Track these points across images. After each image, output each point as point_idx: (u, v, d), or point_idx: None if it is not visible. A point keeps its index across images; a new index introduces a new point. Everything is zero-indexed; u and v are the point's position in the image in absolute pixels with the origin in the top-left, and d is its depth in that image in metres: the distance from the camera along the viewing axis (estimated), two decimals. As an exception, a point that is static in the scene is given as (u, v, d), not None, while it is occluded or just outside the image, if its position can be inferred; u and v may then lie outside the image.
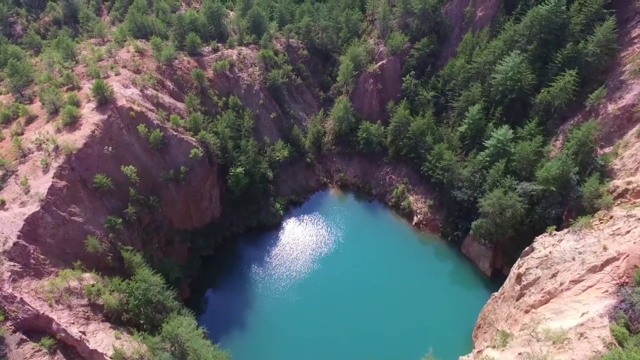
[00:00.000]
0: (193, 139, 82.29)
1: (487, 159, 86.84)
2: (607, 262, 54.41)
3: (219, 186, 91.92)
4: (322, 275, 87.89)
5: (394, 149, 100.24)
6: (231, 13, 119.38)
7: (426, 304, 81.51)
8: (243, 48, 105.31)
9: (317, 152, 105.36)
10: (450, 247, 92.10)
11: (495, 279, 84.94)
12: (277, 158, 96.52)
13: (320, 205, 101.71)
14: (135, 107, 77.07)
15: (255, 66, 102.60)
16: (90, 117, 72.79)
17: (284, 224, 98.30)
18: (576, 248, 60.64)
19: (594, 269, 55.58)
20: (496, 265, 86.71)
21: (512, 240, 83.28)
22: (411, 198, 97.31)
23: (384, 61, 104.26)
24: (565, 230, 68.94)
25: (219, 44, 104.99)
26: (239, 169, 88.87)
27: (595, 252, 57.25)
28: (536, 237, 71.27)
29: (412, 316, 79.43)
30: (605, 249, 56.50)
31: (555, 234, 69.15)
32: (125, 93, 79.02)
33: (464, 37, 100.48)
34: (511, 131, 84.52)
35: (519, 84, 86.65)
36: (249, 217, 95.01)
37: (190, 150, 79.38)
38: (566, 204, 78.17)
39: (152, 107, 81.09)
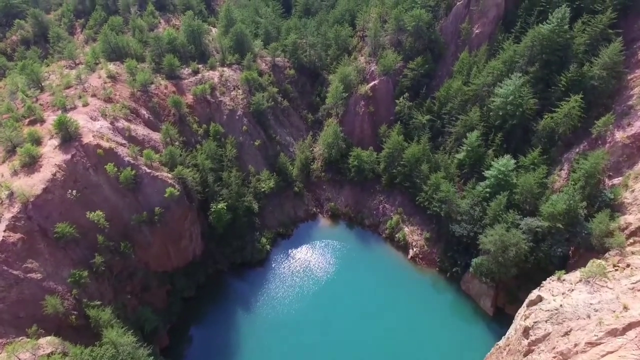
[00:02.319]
0: (169, 175, 75.43)
1: (488, 190, 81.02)
2: (630, 325, 48.51)
3: (200, 222, 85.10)
4: (312, 312, 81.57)
5: (387, 176, 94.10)
6: (213, 30, 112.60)
7: (423, 345, 75.73)
8: (225, 69, 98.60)
9: (306, 180, 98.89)
10: (448, 284, 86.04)
11: (498, 319, 79.22)
12: (263, 189, 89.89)
13: (309, 237, 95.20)
14: (104, 144, 70.09)
15: (239, 89, 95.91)
16: (52, 157, 65.73)
17: (271, 259, 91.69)
18: (591, 304, 54.72)
19: (614, 332, 49.62)
20: (498, 303, 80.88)
21: (516, 278, 77.60)
22: (406, 230, 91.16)
23: (375, 82, 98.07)
24: (576, 275, 63.22)
25: (200, 65, 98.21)
26: (221, 205, 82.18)
27: (614, 312, 51.32)
28: (543, 282, 65.64)
29: (408, 358, 73.57)
30: (626, 308, 50.65)
31: (564, 280, 63.47)
32: (93, 127, 72.03)
33: (460, 55, 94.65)
34: (513, 161, 78.66)
35: (520, 109, 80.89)
36: (234, 254, 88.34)
37: (166, 189, 72.49)
38: (573, 241, 72.57)
39: (123, 142, 74.15)
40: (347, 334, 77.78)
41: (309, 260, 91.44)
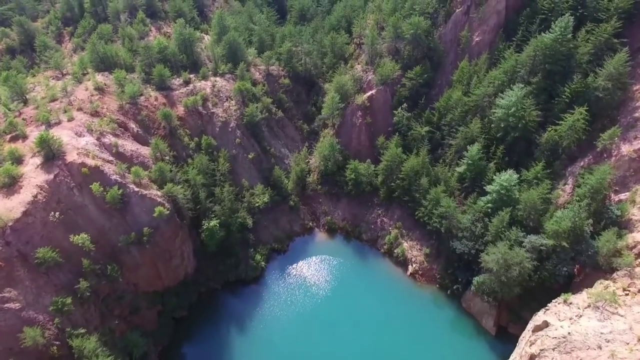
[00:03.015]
0: (158, 193, 72.29)
1: (489, 205, 78.27)
2: (644, 360, 46.06)
3: (192, 239, 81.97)
4: (309, 330, 78.58)
5: (385, 190, 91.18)
6: (206, 37, 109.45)
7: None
8: (218, 79, 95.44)
9: (302, 193, 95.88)
10: (449, 301, 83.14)
11: (501, 338, 76.53)
12: (257, 204, 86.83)
13: (305, 252, 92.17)
14: (89, 162, 66.86)
15: (231, 100, 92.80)
16: (34, 177, 62.51)
17: (266, 275, 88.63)
18: (602, 333, 52.05)
19: (627, 366, 47.13)
20: (501, 322, 78.06)
21: (519, 297, 74.83)
22: (405, 245, 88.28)
23: (373, 91, 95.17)
24: (583, 298, 60.63)
25: (191, 75, 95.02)
26: (213, 222, 79.12)
27: (627, 344, 48.72)
28: (549, 305, 62.94)
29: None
30: None
31: (571, 303, 60.79)
32: (78, 144, 68.81)
33: (459, 64, 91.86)
34: (516, 176, 75.91)
35: (522, 121, 78.14)
36: (227, 271, 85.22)
37: (155, 209, 69.32)
38: (579, 259, 69.90)
39: (110, 158, 70.95)
40: (345, 352, 74.94)
41: (305, 276, 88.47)
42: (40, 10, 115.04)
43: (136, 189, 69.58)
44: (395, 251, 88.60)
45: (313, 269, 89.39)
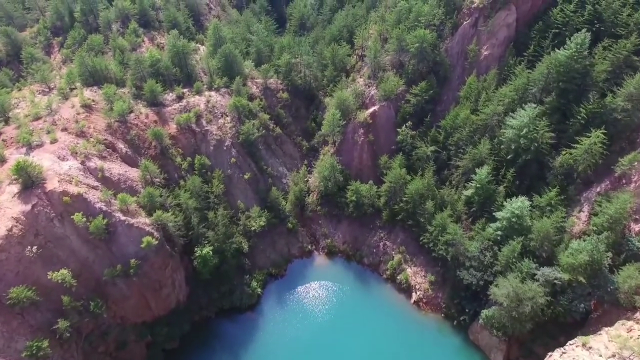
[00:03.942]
0: (147, 221, 67.69)
1: (499, 233, 73.65)
2: None
3: (184, 266, 77.49)
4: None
5: (388, 212, 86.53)
6: (201, 48, 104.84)
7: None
8: (213, 94, 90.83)
9: (300, 214, 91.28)
10: (455, 332, 78.46)
11: (511, 374, 72.13)
12: (253, 228, 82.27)
13: (304, 277, 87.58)
14: (72, 189, 62.30)
15: (227, 116, 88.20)
16: (9, 208, 57.96)
17: (263, 302, 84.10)
18: (628, 391, 47.52)
19: None
20: (511, 357, 73.32)
21: (531, 331, 70.27)
22: (409, 271, 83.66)
23: (375, 107, 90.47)
24: (603, 340, 56.06)
25: (185, 90, 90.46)
26: (206, 249, 74.67)
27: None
28: (565, 347, 58.35)
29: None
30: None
31: (591, 347, 56.15)
32: (60, 169, 64.25)
33: (467, 79, 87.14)
34: (528, 203, 71.22)
35: (535, 143, 73.39)
36: (221, 299, 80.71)
37: (143, 239, 64.75)
38: (596, 294, 65.23)
39: (95, 184, 66.39)
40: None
41: (303, 303, 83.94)
42: (30, 19, 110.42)
43: (123, 218, 65.00)
44: (399, 277, 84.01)
45: (312, 295, 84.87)
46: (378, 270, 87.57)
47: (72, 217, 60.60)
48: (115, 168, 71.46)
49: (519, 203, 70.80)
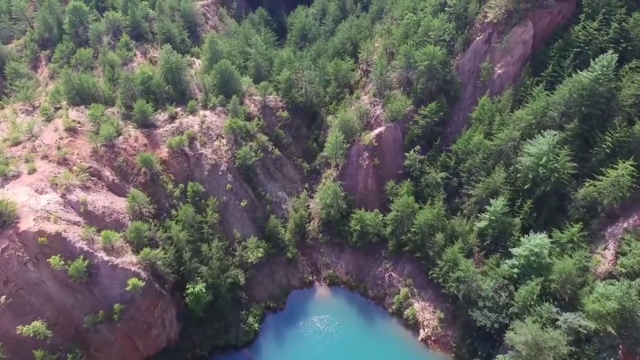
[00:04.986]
0: (133, 259, 62.23)
1: (515, 270, 67.90)
2: None
3: (175, 302, 71.89)
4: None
5: (394, 242, 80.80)
6: (197, 62, 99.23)
7: None
8: (208, 113, 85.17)
9: (301, 242, 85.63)
10: (467, 374, 73.04)
11: (528, 423, 66.20)
12: (250, 260, 76.66)
13: (304, 311, 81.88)
14: (49, 227, 56.84)
15: (222, 138, 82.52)
16: (-22, 253, 52.56)
17: (260, 338, 78.54)
18: None
19: None
20: (528, 404, 67.72)
21: (551, 379, 64.59)
22: (417, 305, 78.01)
23: (381, 129, 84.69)
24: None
25: (178, 109, 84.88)
26: (199, 286, 69.20)
27: None
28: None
29: None
30: None
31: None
32: (37, 204, 58.79)
33: (479, 99, 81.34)
34: (548, 240, 65.42)
35: (555, 174, 67.53)
36: (216, 336, 75.13)
37: (128, 281, 59.19)
38: (628, 345, 59.42)
39: (76, 219, 60.95)
40: None
41: (303, 339, 78.22)
42: (17, 30, 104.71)
43: (106, 258, 59.50)
44: (405, 312, 78.34)
45: (313, 331, 79.16)
46: (383, 304, 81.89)
47: (48, 260, 54.97)
48: (100, 200, 65.90)
49: (539, 240, 64.99)
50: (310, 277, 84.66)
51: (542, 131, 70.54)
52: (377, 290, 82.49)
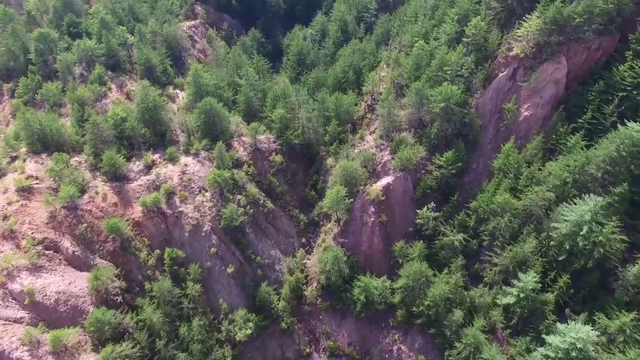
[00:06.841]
0: (91, 361, 51.59)
1: (551, 363, 57.07)
2: None
3: (148, 392, 61.49)
4: None
5: (404, 312, 70.09)
6: (180, 95, 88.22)
7: None
8: (190, 160, 74.32)
9: (297, 307, 74.90)
10: None
11: None
12: (238, 338, 65.94)
13: (301, 390, 71.65)
14: (-17, 334, 46.21)
15: (206, 192, 71.67)
16: None
17: None
18: None
19: None
20: None
21: None
22: (431, 389, 67.40)
23: (389, 179, 73.69)
24: None
25: (156, 155, 74.09)
26: (175, 380, 58.54)
27: None
28: None
29: None
30: None
31: None
32: (-31, 301, 48.13)
33: (502, 145, 70.22)
34: (595, 333, 54.41)
35: (599, 248, 56.47)
36: None
37: (82, 394, 48.70)
38: None
39: (18, 316, 50.45)
40: None
41: None
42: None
43: (55, 367, 48.83)
44: (418, 396, 67.82)
45: (310, 416, 68.98)
46: (392, 383, 71.37)
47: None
48: (54, 283, 55.11)
49: (582, 334, 53.92)
50: (307, 349, 74.00)
51: (582, 193, 59.51)
52: (384, 366, 71.98)
